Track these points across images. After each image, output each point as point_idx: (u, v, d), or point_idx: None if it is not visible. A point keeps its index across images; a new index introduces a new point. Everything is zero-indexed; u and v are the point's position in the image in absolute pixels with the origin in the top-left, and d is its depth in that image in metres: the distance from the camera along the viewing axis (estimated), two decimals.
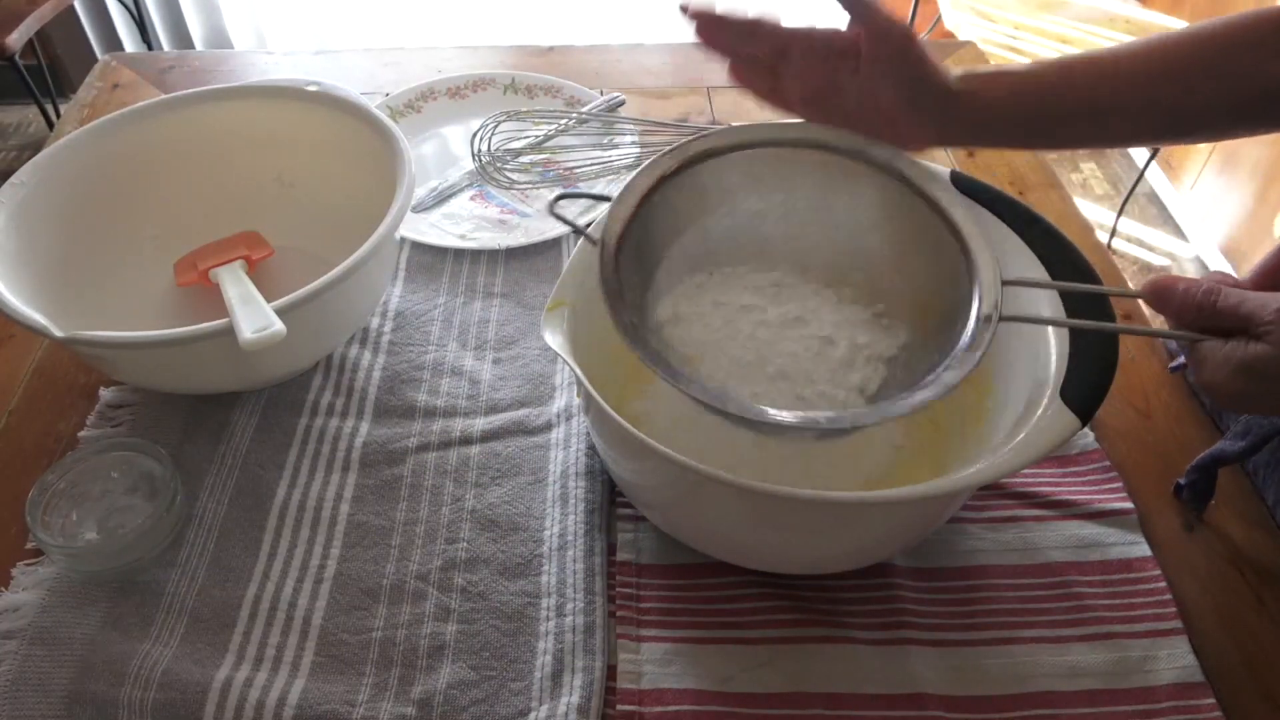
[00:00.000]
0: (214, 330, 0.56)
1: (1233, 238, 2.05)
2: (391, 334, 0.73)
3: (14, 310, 0.57)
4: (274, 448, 0.65)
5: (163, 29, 2.44)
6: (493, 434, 0.66)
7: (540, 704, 0.52)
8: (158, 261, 0.74)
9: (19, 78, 1.91)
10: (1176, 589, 0.58)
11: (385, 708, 0.52)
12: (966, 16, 1.95)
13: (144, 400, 0.67)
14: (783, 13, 0.55)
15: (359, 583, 0.58)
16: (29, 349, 0.72)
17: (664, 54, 1.10)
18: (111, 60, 1.06)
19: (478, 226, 0.84)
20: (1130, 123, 0.55)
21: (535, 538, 0.60)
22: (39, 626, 0.54)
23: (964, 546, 0.60)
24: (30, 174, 0.67)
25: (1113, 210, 2.20)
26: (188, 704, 0.51)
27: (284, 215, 0.77)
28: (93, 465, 0.59)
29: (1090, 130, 0.55)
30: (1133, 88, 0.53)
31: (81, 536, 0.57)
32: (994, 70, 0.54)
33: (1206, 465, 0.60)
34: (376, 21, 2.58)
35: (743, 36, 0.55)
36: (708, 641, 0.55)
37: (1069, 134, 0.56)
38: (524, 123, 0.92)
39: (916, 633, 0.55)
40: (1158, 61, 0.53)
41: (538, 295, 0.77)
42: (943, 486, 0.47)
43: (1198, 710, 0.52)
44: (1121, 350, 0.50)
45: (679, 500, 0.55)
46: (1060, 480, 0.64)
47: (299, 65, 1.07)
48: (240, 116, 0.76)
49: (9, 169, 1.33)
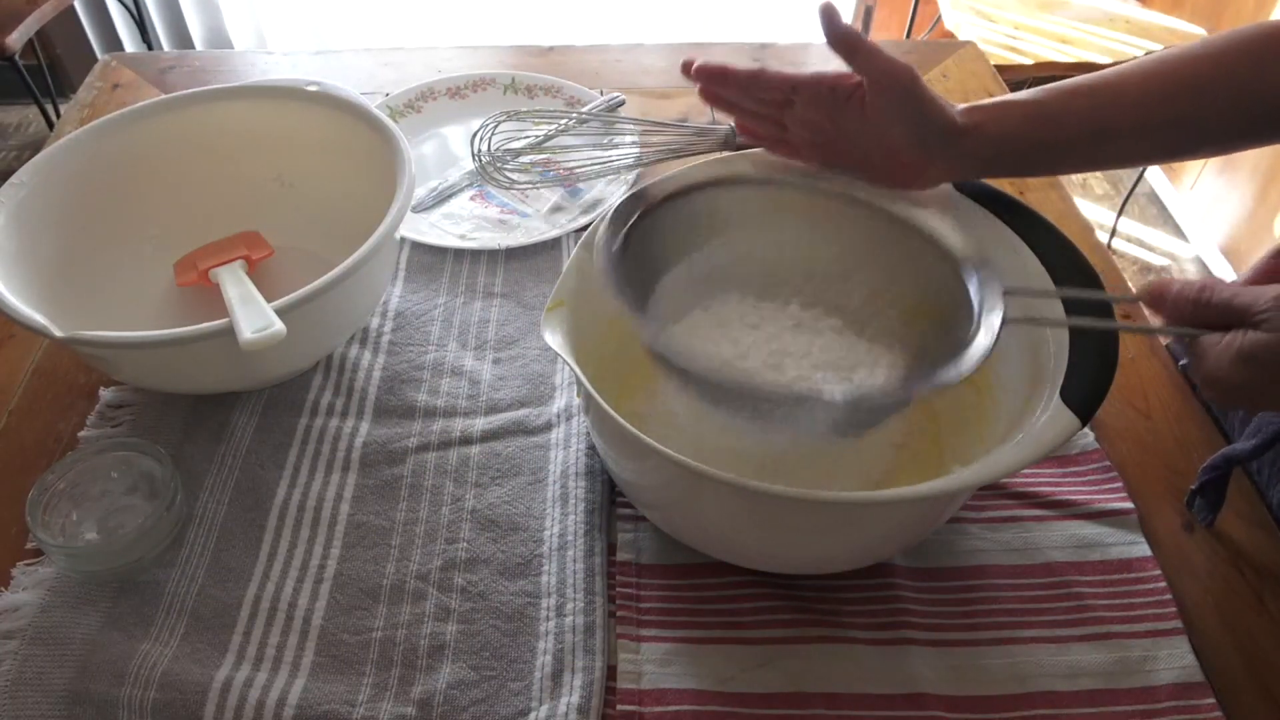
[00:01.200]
0: (214, 330, 0.56)
1: (1233, 238, 2.05)
2: (391, 334, 0.73)
3: (14, 310, 0.57)
4: (274, 448, 0.65)
5: (163, 29, 2.44)
6: (493, 434, 0.66)
7: (540, 704, 0.52)
8: (158, 261, 0.74)
9: (19, 78, 1.91)
10: (1176, 589, 0.58)
11: (385, 708, 0.52)
12: (966, 16, 1.95)
13: (144, 400, 0.67)
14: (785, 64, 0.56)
15: (359, 583, 0.58)
16: (29, 349, 0.72)
17: (664, 54, 1.10)
18: (111, 60, 1.06)
19: (478, 226, 0.84)
20: (1136, 144, 0.55)
21: (535, 538, 0.60)
22: (39, 626, 0.54)
23: (964, 546, 0.60)
24: (30, 174, 0.67)
25: (1113, 210, 2.20)
26: (188, 704, 0.51)
27: (284, 215, 0.77)
28: (93, 465, 0.59)
29: (1097, 154, 0.56)
30: (1137, 110, 0.54)
31: (81, 536, 0.57)
32: (997, 102, 0.54)
33: (1219, 466, 0.60)
34: (376, 21, 2.58)
35: (747, 88, 0.55)
36: (708, 641, 0.55)
37: (1076, 160, 0.57)
38: (524, 123, 0.91)
39: (916, 633, 0.55)
40: (1160, 82, 0.53)
41: (538, 295, 0.77)
42: (943, 486, 0.47)
43: (1198, 710, 0.52)
44: (1121, 350, 0.50)
45: (679, 500, 0.55)
46: (1060, 480, 0.64)
47: (299, 65, 1.07)
48: (240, 116, 0.76)
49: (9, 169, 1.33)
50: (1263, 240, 1.96)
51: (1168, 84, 0.53)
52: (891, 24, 2.60)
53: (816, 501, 0.46)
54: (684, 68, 0.56)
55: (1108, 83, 0.54)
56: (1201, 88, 0.53)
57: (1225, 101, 0.53)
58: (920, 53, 1.13)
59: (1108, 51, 1.84)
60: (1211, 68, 0.53)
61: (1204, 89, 0.53)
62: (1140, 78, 0.54)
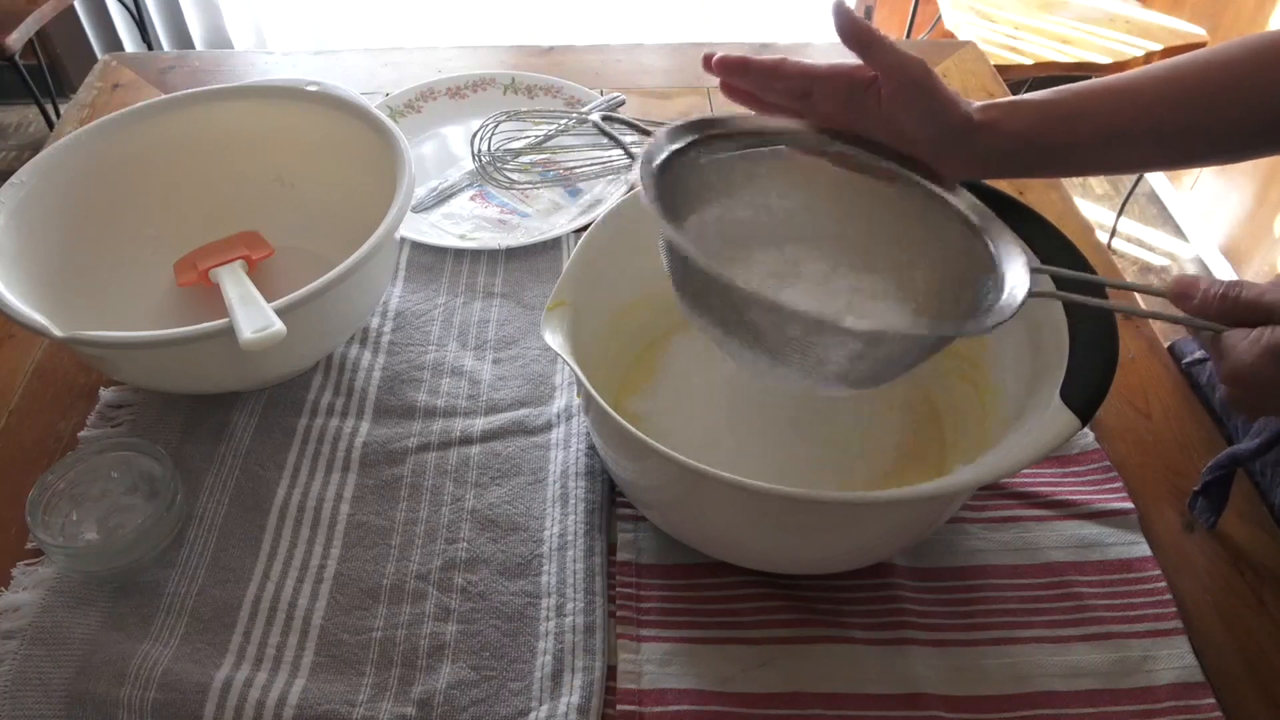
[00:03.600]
0: (214, 330, 0.56)
1: (1233, 238, 2.05)
2: (391, 334, 0.73)
3: (14, 310, 0.57)
4: (274, 448, 0.65)
5: (163, 29, 2.44)
6: (493, 434, 0.66)
7: (540, 704, 0.52)
8: (158, 261, 0.74)
9: (19, 78, 1.91)
10: (1176, 589, 0.58)
11: (385, 708, 0.52)
12: (966, 16, 1.95)
13: (144, 400, 0.67)
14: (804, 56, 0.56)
15: (359, 583, 0.58)
16: (29, 349, 0.72)
17: (664, 54, 1.11)
18: (111, 60, 1.06)
19: (478, 226, 0.84)
20: (1149, 149, 0.55)
21: (535, 538, 0.60)
22: (39, 626, 0.54)
23: (964, 546, 0.60)
24: (30, 174, 0.67)
25: (1113, 210, 2.20)
26: (187, 704, 0.51)
27: (284, 215, 0.77)
28: (93, 465, 0.59)
29: (1109, 157, 0.56)
30: (1150, 115, 0.54)
31: (81, 536, 0.57)
32: (1013, 100, 0.55)
33: (1224, 465, 0.60)
34: (376, 21, 2.58)
35: (766, 79, 0.55)
36: (708, 641, 0.55)
37: (1089, 162, 0.57)
38: (524, 123, 0.92)
39: (916, 633, 0.55)
40: (1173, 88, 0.54)
41: (538, 295, 0.77)
42: (943, 486, 0.47)
43: (1198, 710, 0.52)
44: (1122, 350, 0.50)
45: (679, 500, 0.55)
46: (1060, 480, 0.64)
47: (299, 65, 1.07)
48: (240, 116, 0.75)
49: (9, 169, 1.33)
50: (1262, 240, 1.96)
51: (1180, 90, 0.53)
52: (891, 24, 2.60)
53: (817, 501, 0.46)
54: (705, 61, 0.56)
55: (1122, 86, 0.54)
56: (1213, 94, 0.53)
57: (1236, 109, 0.53)
58: (920, 53, 1.12)
59: (1108, 51, 1.83)
60: (1223, 75, 0.53)
61: (1215, 96, 0.53)
62: (1154, 83, 0.54)
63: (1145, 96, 0.54)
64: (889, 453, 0.61)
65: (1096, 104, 0.54)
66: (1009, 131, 0.54)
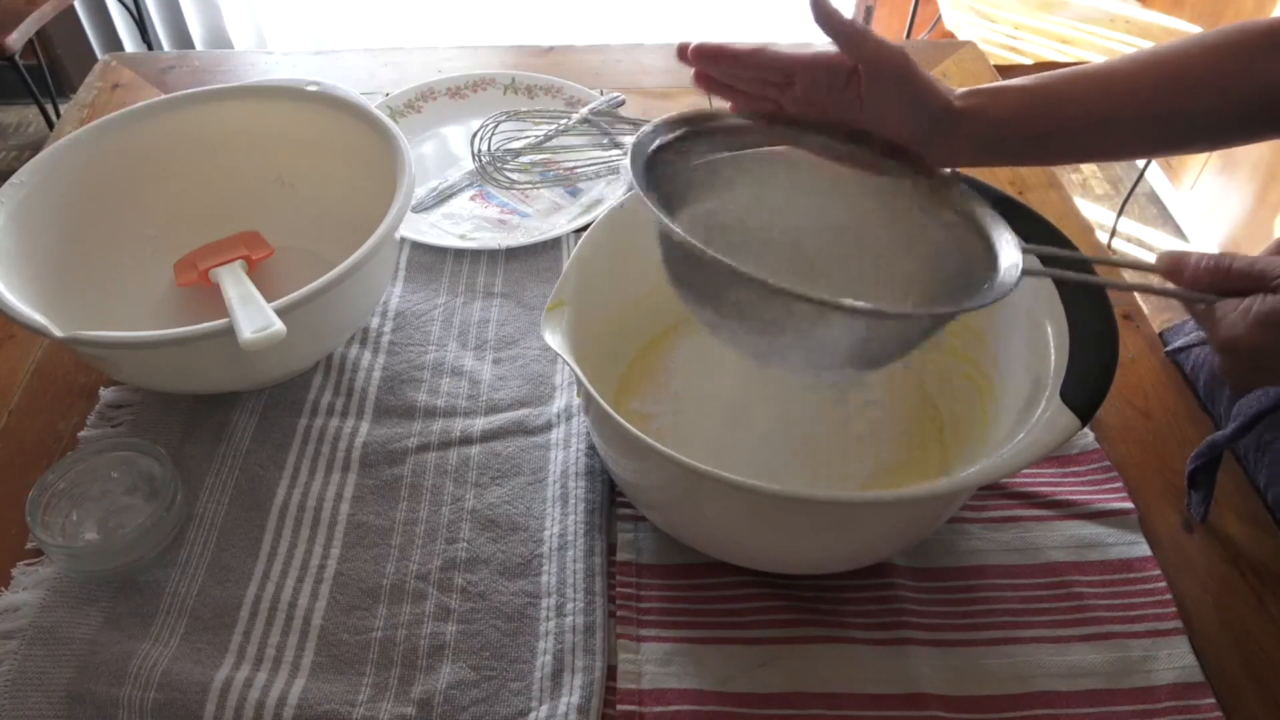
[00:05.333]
0: (214, 330, 0.56)
1: (1233, 238, 2.05)
2: (391, 334, 0.73)
3: (14, 310, 0.57)
4: (274, 448, 0.65)
5: (163, 29, 2.44)
6: (493, 434, 0.66)
7: (540, 704, 0.52)
8: (158, 261, 0.74)
9: (19, 78, 1.91)
10: (1176, 589, 0.58)
11: (385, 708, 0.52)
12: (966, 16, 1.95)
13: (144, 400, 0.67)
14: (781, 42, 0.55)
15: (359, 583, 0.58)
16: (29, 349, 0.72)
17: (664, 54, 1.10)
18: (111, 60, 1.06)
19: (478, 226, 0.84)
20: (1131, 134, 0.55)
21: (535, 538, 0.60)
22: (39, 626, 0.54)
23: (964, 546, 0.60)
24: (30, 174, 0.67)
25: (1113, 210, 2.20)
26: (188, 704, 0.51)
27: (284, 215, 0.77)
28: (93, 465, 0.59)
29: (1092, 142, 0.56)
30: (1132, 100, 0.54)
31: (81, 536, 0.57)
32: (997, 86, 0.55)
33: (1205, 453, 0.60)
34: (376, 21, 2.58)
35: (744, 66, 0.55)
36: (708, 641, 0.55)
37: (1072, 147, 0.57)
38: (524, 123, 0.92)
39: (916, 633, 0.55)
40: (1158, 70, 0.54)
41: (538, 295, 0.77)
42: (943, 487, 0.47)
43: (1198, 710, 0.52)
44: (1122, 350, 0.51)
45: (679, 500, 0.55)
46: (1060, 480, 0.64)
47: (299, 65, 1.07)
48: (240, 116, 0.75)
49: (9, 169, 1.33)
50: (1262, 240, 1.95)
51: (1161, 76, 0.54)
52: (891, 24, 2.60)
53: (817, 501, 0.46)
54: (680, 52, 0.55)
55: (1104, 72, 0.54)
56: (1192, 81, 0.53)
57: (1215, 95, 0.53)
58: (920, 53, 1.13)
59: (1107, 52, 1.84)
60: (1203, 61, 0.53)
61: (1195, 82, 0.53)
62: (1135, 68, 0.54)
63: (1128, 82, 0.54)
64: (889, 453, 0.61)
65: (1080, 90, 0.54)
66: (992, 118, 0.54)
